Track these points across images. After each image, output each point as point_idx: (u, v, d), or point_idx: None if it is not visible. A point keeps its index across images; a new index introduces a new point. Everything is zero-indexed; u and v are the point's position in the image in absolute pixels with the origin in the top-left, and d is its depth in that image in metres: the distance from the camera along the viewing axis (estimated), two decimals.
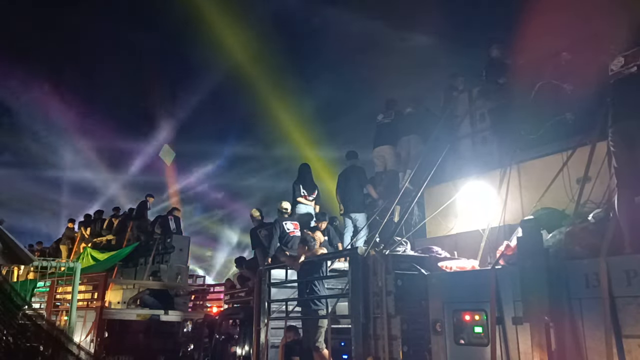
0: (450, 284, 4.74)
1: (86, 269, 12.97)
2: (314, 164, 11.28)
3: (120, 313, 12.15)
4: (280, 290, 7.32)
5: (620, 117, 4.16)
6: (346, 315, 5.83)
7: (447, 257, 5.60)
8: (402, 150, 8.73)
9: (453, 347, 4.45)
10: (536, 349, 3.72)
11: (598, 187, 4.85)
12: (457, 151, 7.28)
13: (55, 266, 10.74)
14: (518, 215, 5.56)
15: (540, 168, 5.76)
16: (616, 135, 4.19)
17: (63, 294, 12.31)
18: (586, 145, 4.99)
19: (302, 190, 9.50)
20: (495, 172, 6.09)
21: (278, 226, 8.57)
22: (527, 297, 3.84)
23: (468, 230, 6.12)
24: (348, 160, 9.45)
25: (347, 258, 6.33)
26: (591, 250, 3.89)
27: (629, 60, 4.16)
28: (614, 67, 4.25)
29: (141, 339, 11.98)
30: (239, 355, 8.25)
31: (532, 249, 3.94)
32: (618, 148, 4.17)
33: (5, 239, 5.07)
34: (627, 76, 4.14)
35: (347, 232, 9.08)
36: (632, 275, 3.42)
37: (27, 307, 7.41)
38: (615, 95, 4.24)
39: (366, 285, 5.38)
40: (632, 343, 3.38)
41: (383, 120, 9.23)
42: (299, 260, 6.80)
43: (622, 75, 4.18)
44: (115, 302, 13.57)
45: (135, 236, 16.07)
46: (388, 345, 4.98)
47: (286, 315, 6.88)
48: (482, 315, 4.27)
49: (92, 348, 10.68)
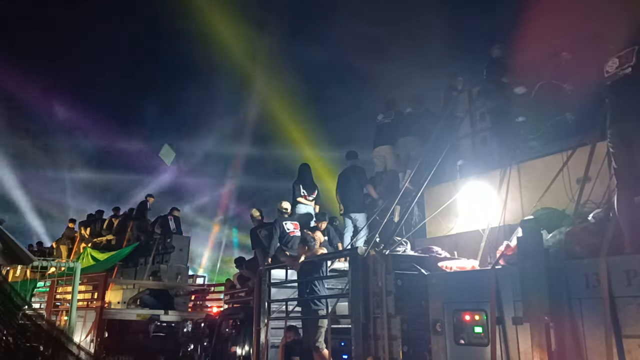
0: (450, 284, 4.74)
1: (86, 269, 12.98)
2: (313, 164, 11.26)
3: (120, 313, 12.15)
4: (280, 290, 7.32)
5: (618, 119, 4.18)
6: (346, 315, 5.83)
7: (447, 257, 5.60)
8: (401, 152, 8.75)
9: (453, 347, 4.45)
10: (536, 349, 3.72)
11: (598, 187, 4.85)
12: (457, 151, 7.29)
13: (55, 266, 10.76)
14: (518, 215, 5.56)
15: (540, 168, 5.77)
16: (614, 137, 4.20)
17: (63, 294, 12.32)
18: (586, 145, 5.00)
19: (302, 190, 9.50)
20: (495, 172, 6.09)
21: (278, 226, 8.57)
22: (527, 297, 3.84)
23: (468, 230, 6.12)
24: (348, 160, 9.45)
25: (347, 258, 6.34)
26: (591, 250, 3.89)
27: (622, 61, 4.19)
28: (609, 69, 4.28)
29: (141, 339, 11.97)
30: (239, 355, 8.25)
31: (532, 249, 3.94)
32: (617, 149, 4.18)
33: (5, 239, 5.07)
34: (622, 77, 4.16)
35: (347, 232, 9.08)
36: (632, 275, 3.42)
37: (27, 307, 7.42)
38: (612, 97, 4.25)
39: (366, 285, 5.38)
40: (632, 343, 3.38)
41: (383, 121, 9.23)
42: (299, 260, 6.80)
43: (618, 76, 4.20)
44: (115, 302, 13.58)
45: (135, 236, 16.09)
46: (388, 345, 4.98)
47: (286, 315, 6.88)
48: (482, 315, 4.27)
49: (92, 348, 10.68)
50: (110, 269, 14.14)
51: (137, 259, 15.42)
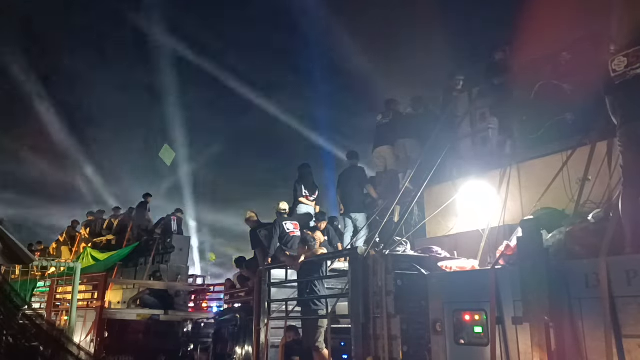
0: (450, 284, 4.73)
1: (86, 269, 12.98)
2: None
3: (120, 313, 12.17)
4: (280, 290, 7.32)
5: (629, 119, 4.13)
6: (346, 315, 5.82)
7: (447, 257, 5.59)
8: (400, 153, 8.75)
9: (453, 347, 4.45)
10: (536, 349, 3.72)
11: (598, 187, 4.85)
12: (457, 151, 7.28)
13: (55, 266, 10.76)
14: (518, 215, 5.56)
15: (540, 168, 5.76)
16: (625, 136, 4.15)
17: (63, 294, 12.32)
18: (586, 145, 4.99)
19: (303, 190, 9.50)
20: (495, 172, 6.09)
21: (278, 226, 8.57)
22: (527, 297, 3.84)
23: (468, 230, 6.11)
24: (348, 161, 9.46)
25: (347, 258, 6.34)
26: (591, 250, 3.89)
27: (631, 60, 4.13)
28: (616, 68, 4.20)
29: (141, 339, 11.99)
30: (239, 355, 8.25)
31: (532, 249, 3.94)
32: (626, 148, 4.15)
33: (5, 239, 5.06)
34: (633, 77, 4.09)
35: (347, 232, 9.09)
36: (632, 275, 3.42)
37: (27, 307, 7.41)
38: (623, 97, 4.19)
39: (366, 285, 5.37)
40: (632, 343, 3.38)
41: (382, 121, 9.24)
42: (299, 260, 6.80)
43: (628, 76, 4.12)
44: (115, 302, 13.59)
45: (135, 236, 16.08)
46: (388, 345, 4.98)
47: (286, 315, 6.88)
48: (482, 315, 4.26)
49: (92, 348, 10.68)
50: (110, 269, 14.13)
51: (137, 259, 15.42)
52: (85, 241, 17.59)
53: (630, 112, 4.12)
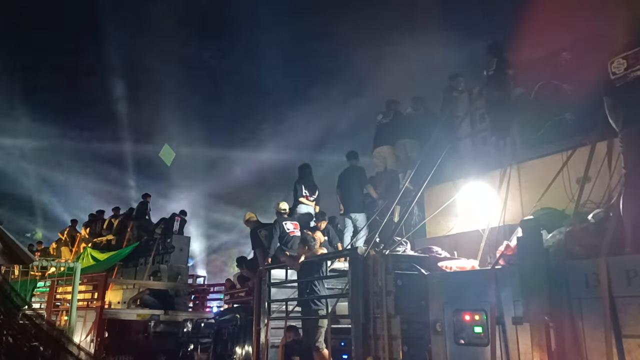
0: (450, 284, 4.73)
1: (86, 269, 12.98)
2: None
3: (120, 313, 12.17)
4: (280, 290, 7.32)
5: (631, 121, 4.12)
6: (346, 315, 5.82)
7: (447, 257, 5.59)
8: (400, 153, 8.75)
9: (453, 347, 4.45)
10: (536, 349, 3.72)
11: (598, 187, 4.85)
12: (457, 151, 7.28)
13: (55, 266, 10.76)
14: (518, 215, 5.56)
15: (540, 168, 5.76)
16: (627, 138, 4.14)
17: (63, 294, 12.31)
18: (586, 145, 4.99)
19: (304, 190, 9.50)
20: (495, 172, 6.09)
21: (278, 226, 8.57)
22: (527, 297, 3.84)
23: (468, 230, 6.11)
24: (348, 161, 9.45)
25: (347, 258, 6.34)
26: (591, 250, 3.88)
27: (631, 62, 4.11)
28: (616, 70, 4.18)
29: (141, 339, 11.98)
30: (239, 355, 8.25)
31: (532, 249, 3.94)
32: (628, 150, 4.14)
33: (5, 239, 5.06)
34: (633, 79, 4.07)
35: (347, 232, 9.09)
36: (632, 275, 3.42)
37: (27, 307, 7.41)
38: (625, 100, 4.17)
39: (366, 285, 5.37)
40: (632, 343, 3.38)
41: (382, 121, 9.24)
42: (299, 260, 6.80)
43: (629, 78, 4.10)
44: (115, 302, 13.60)
45: (135, 236, 16.09)
46: (388, 345, 4.97)
47: (286, 315, 6.88)
48: (482, 315, 4.26)
49: (92, 348, 10.67)
50: (110, 269, 14.14)
51: (137, 259, 15.42)
52: (85, 241, 17.61)
53: (632, 115, 4.11)
